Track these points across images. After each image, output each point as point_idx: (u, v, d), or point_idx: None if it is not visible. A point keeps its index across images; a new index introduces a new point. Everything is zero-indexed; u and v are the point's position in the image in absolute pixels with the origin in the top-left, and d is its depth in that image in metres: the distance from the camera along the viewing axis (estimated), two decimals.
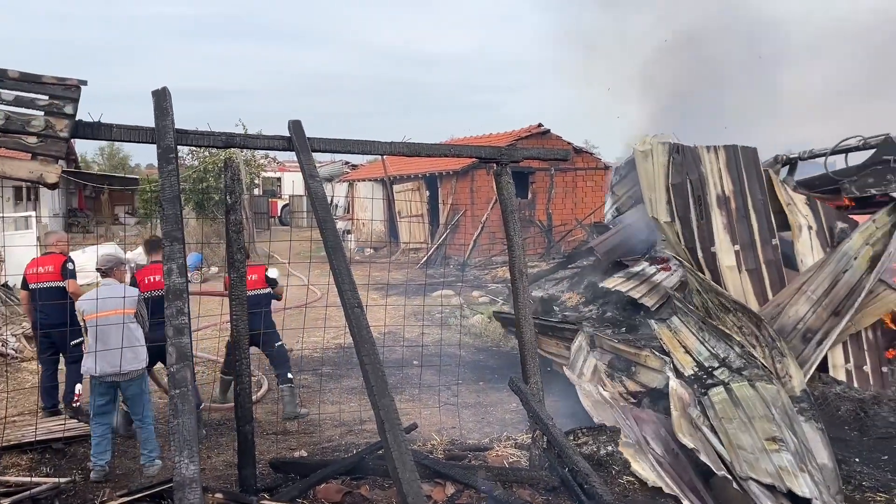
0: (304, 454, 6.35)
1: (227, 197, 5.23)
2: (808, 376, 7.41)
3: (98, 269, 6.33)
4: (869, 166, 8.62)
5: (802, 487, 5.09)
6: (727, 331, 7.63)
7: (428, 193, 23.89)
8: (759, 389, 6.47)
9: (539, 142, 21.66)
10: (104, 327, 5.86)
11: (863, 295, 7.84)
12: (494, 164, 5.62)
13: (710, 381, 6.99)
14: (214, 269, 19.82)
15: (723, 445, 5.70)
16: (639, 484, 5.37)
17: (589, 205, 22.79)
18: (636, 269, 11.42)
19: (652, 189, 8.61)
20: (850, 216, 8.94)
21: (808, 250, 8.49)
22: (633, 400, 7.28)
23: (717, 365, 7.36)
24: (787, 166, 9.72)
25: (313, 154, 5.26)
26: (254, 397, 6.68)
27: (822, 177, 9.18)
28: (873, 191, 8.52)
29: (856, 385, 7.81)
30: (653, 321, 9.23)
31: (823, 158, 9.13)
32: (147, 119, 4.89)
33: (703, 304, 8.24)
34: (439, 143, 5.31)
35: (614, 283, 11.24)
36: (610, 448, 5.36)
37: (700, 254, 8.38)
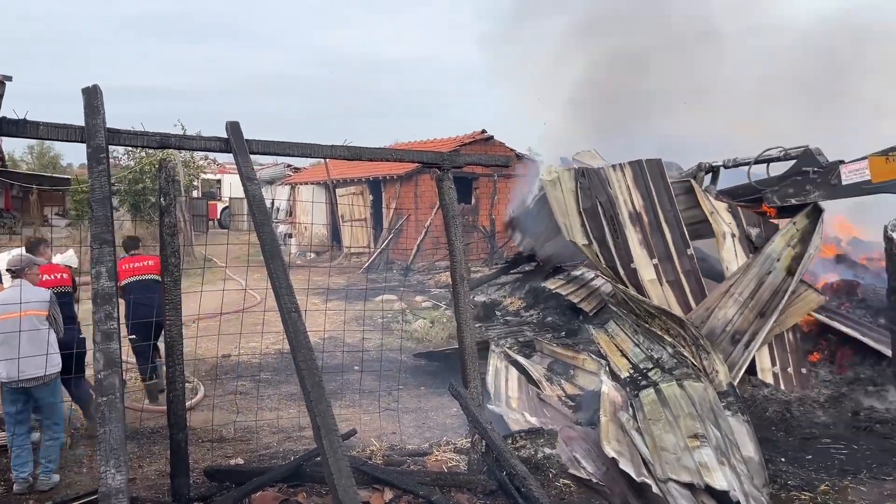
0: (241, 462, 6.22)
1: (162, 199, 5.10)
2: (738, 378, 7.65)
3: (8, 270, 6.08)
4: (789, 177, 8.92)
5: (720, 481, 5.18)
6: (659, 332, 7.82)
7: (371, 197, 23.78)
8: (686, 388, 6.64)
9: (482, 148, 21.83)
10: (11, 331, 5.61)
11: (786, 296, 8.15)
12: (437, 170, 5.63)
13: (643, 383, 7.14)
14: None
15: (648, 448, 5.81)
16: (575, 486, 5.45)
17: None
18: (576, 273, 11.63)
19: (565, 215, 8.72)
20: (773, 221, 9.25)
21: (733, 257, 8.74)
22: (571, 403, 7.39)
23: (651, 366, 7.52)
24: (711, 174, 9.98)
25: (254, 156, 5.17)
26: (188, 403, 6.52)
27: (746, 186, 9.46)
28: (793, 200, 8.83)
29: (782, 387, 8.10)
30: (591, 326, 9.41)
31: (747, 167, 9.39)
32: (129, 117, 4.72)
33: (632, 311, 8.44)
34: (382, 148, 5.29)
35: (555, 284, 11.43)
36: (547, 450, 5.42)
37: (621, 271, 8.55)
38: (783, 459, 6.40)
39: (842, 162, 8.42)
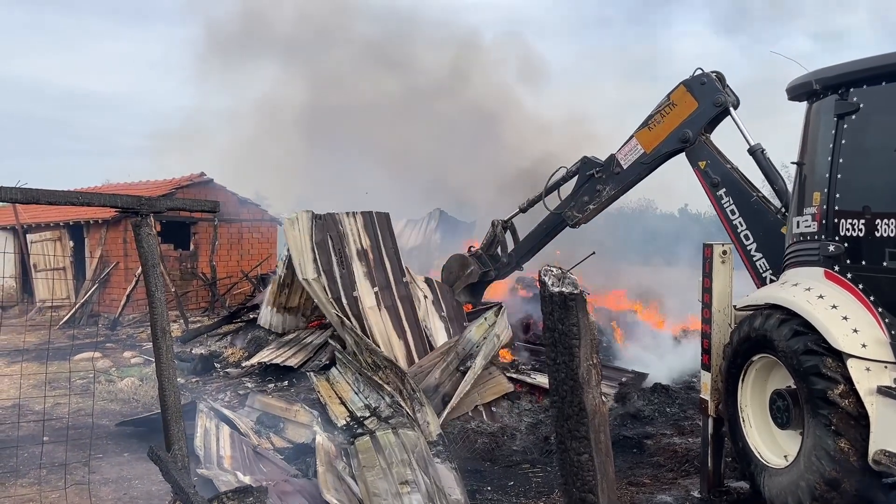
0: None
1: None
2: (443, 419, 8.13)
3: None
4: (580, 188, 9.40)
5: None
6: (380, 381, 8.04)
7: (72, 244, 21.40)
8: (400, 436, 6.91)
9: (201, 192, 20.83)
10: None
11: (479, 373, 8.84)
12: (134, 215, 5.20)
13: (360, 431, 7.26)
14: None
15: (362, 494, 5.88)
16: None
17: (255, 256, 22.46)
18: (289, 336, 11.41)
19: (300, 252, 9.43)
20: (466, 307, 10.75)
21: (427, 315, 10.11)
22: (280, 457, 7.17)
23: (368, 415, 7.70)
24: (508, 230, 10.78)
25: None
26: None
27: (547, 218, 9.95)
28: (591, 206, 9.32)
29: (486, 419, 8.74)
30: (311, 372, 9.34)
31: (540, 201, 10.00)
32: None
33: (357, 359, 8.62)
34: (65, 191, 4.73)
35: (264, 356, 11.08)
36: None
37: (344, 300, 9.25)
38: (489, 488, 6.86)
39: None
